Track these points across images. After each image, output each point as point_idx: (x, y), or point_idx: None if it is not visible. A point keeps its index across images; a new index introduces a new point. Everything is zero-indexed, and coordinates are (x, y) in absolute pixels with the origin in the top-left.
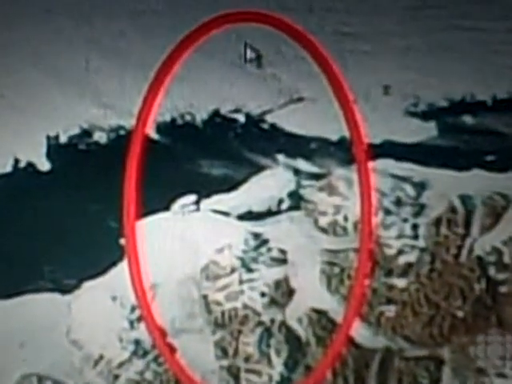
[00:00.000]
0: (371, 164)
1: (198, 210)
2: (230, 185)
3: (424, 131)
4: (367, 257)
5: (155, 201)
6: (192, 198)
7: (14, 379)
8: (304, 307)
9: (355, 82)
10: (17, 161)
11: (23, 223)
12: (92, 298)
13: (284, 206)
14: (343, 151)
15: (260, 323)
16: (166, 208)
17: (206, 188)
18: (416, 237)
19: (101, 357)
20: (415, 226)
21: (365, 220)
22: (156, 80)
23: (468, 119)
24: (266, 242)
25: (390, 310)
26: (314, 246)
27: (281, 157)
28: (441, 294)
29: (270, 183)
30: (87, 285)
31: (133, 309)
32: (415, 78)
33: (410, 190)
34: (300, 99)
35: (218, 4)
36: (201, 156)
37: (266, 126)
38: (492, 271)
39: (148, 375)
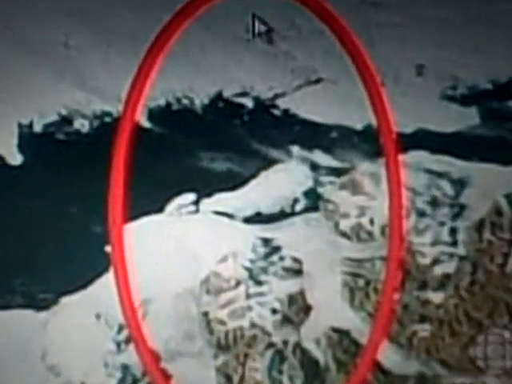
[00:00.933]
0: (402, 157)
1: (197, 211)
2: (235, 182)
3: (464, 118)
4: (397, 267)
5: (147, 201)
6: (190, 197)
7: None
8: (322, 326)
9: (383, 60)
10: None
11: None
12: (72, 316)
13: (299, 206)
14: (369, 142)
15: (270, 345)
16: (160, 209)
17: (206, 185)
18: (455, 243)
19: None
20: (454, 231)
21: (394, 223)
22: (148, 58)
23: None
24: (277, 249)
25: (424, 330)
26: (334, 253)
27: (295, 148)
28: (484, 311)
29: (282, 180)
30: (66, 300)
31: (120, 328)
32: (453, 56)
33: (448, 187)
34: (318, 81)
35: None
36: (201, 148)
37: (277, 113)
38: None
39: None
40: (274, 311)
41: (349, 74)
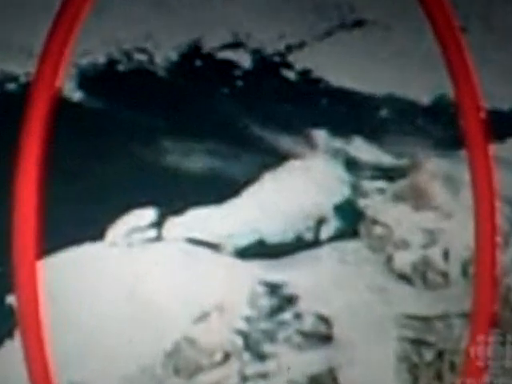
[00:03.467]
0: (494, 149)
1: (159, 238)
2: (223, 190)
3: None
4: (487, 329)
5: (76, 222)
6: (148, 215)
7: None
8: None
9: None
10: None
11: None
12: None
13: (327, 230)
14: (441, 124)
15: None
16: (98, 236)
17: (175, 196)
18: None
19: None
20: None
21: (483, 258)
22: None
23: None
24: (291, 300)
25: None
26: (385, 308)
27: (321, 135)
28: None
29: (299, 186)
30: None
31: None
32: None
33: None
34: (358, 24)
35: None
36: (165, 134)
37: (291, 76)
38: None
39: None
40: None
41: (407, 14)
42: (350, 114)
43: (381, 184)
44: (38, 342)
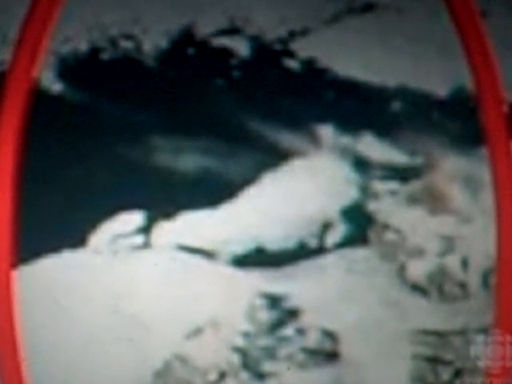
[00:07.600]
0: None
1: (147, 245)
2: (218, 192)
3: None
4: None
5: (55, 227)
6: (135, 219)
7: None
8: None
9: None
10: None
11: None
12: None
13: (333, 236)
14: (459, 119)
15: None
16: (79, 242)
17: (164, 199)
18: None
19: None
20: None
21: (505, 267)
22: None
23: None
24: (293, 314)
25: None
26: (397, 322)
27: (327, 131)
28: None
29: (302, 188)
30: None
31: None
32: None
33: None
34: (368, 8)
35: None
36: (154, 130)
37: (294, 65)
38: None
39: None
40: None
41: None
42: (358, 107)
43: (393, 185)
44: (13, 359)
